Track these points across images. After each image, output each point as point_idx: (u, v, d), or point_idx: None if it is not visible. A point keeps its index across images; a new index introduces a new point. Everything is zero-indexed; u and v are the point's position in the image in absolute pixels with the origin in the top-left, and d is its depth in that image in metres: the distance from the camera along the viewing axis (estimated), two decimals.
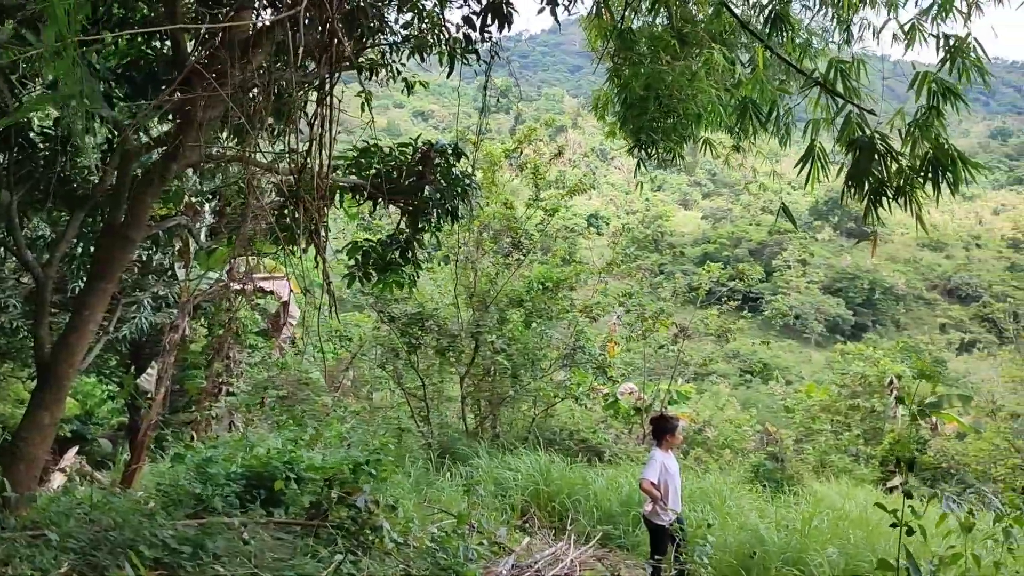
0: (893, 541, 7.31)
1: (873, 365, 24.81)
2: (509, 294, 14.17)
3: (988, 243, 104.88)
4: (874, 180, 4.61)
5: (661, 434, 8.11)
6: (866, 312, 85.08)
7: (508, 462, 11.53)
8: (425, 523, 7.41)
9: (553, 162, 15.94)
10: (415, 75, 8.59)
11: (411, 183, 7.74)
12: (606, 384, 17.24)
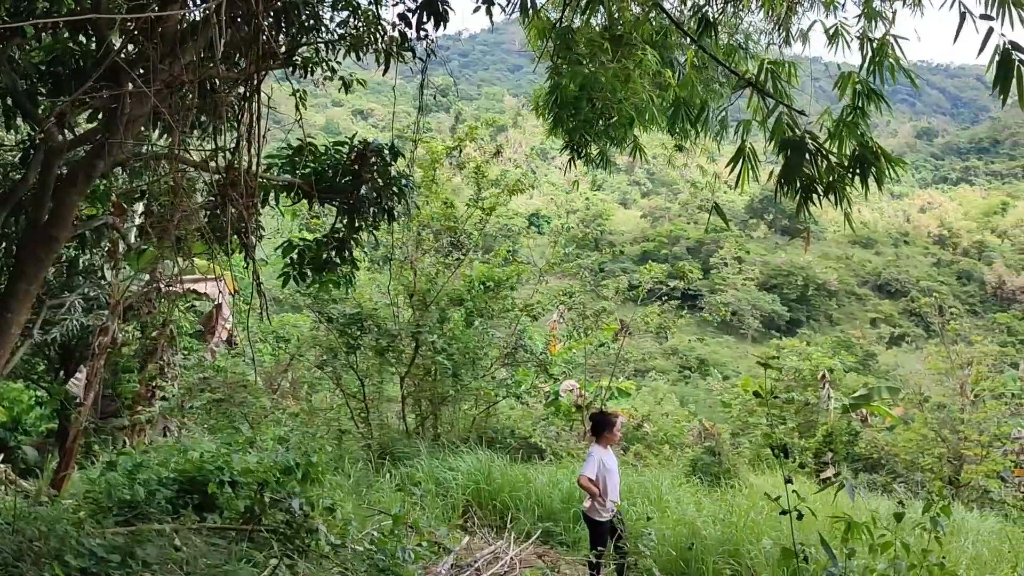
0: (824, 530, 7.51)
1: (806, 359, 25.45)
2: (450, 294, 14.13)
3: (915, 240, 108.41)
4: (805, 179, 4.72)
5: (600, 430, 8.17)
6: (800, 308, 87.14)
7: (449, 462, 11.51)
8: (364, 525, 7.35)
9: (494, 161, 15.96)
10: (352, 73, 8.51)
11: (347, 182, 7.66)
12: (548, 382, 17.33)
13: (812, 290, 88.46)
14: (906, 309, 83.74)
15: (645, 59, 5.09)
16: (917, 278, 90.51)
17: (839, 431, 20.85)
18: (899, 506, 6.82)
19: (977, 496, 17.19)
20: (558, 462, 13.33)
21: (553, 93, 6.12)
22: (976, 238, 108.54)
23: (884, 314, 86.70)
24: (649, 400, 23.29)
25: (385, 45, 7.52)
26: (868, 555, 6.50)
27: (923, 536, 6.92)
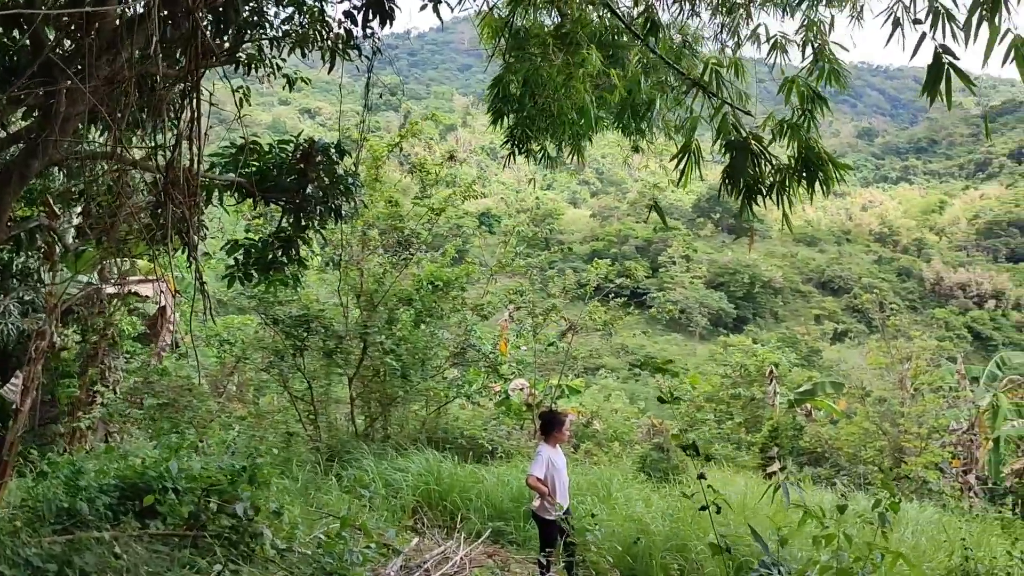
0: (769, 524, 7.65)
1: (752, 356, 25.88)
2: (398, 294, 14.04)
3: (857, 238, 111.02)
4: (748, 179, 4.80)
5: (549, 429, 8.19)
6: (747, 305, 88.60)
7: (398, 463, 11.45)
8: (311, 528, 7.27)
9: (446, 163, 15.88)
10: (297, 71, 8.41)
11: (292, 181, 7.56)
12: (498, 381, 17.33)
13: (758, 288, 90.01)
14: (849, 305, 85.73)
15: (588, 58, 5.11)
16: (859, 275, 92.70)
17: (784, 426, 21.24)
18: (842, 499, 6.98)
19: (917, 487, 17.66)
20: (508, 461, 13.35)
21: (495, 87, 6.12)
22: (915, 236, 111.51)
23: (828, 311, 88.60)
24: (599, 398, 23.47)
25: (331, 43, 7.46)
26: (812, 547, 6.64)
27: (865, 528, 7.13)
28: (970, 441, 20.98)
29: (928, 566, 8.54)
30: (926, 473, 17.98)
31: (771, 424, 21.24)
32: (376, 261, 14.28)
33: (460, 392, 14.84)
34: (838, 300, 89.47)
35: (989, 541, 10.11)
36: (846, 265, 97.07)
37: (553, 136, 6.57)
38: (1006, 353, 32.22)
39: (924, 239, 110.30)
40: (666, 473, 13.64)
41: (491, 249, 18.92)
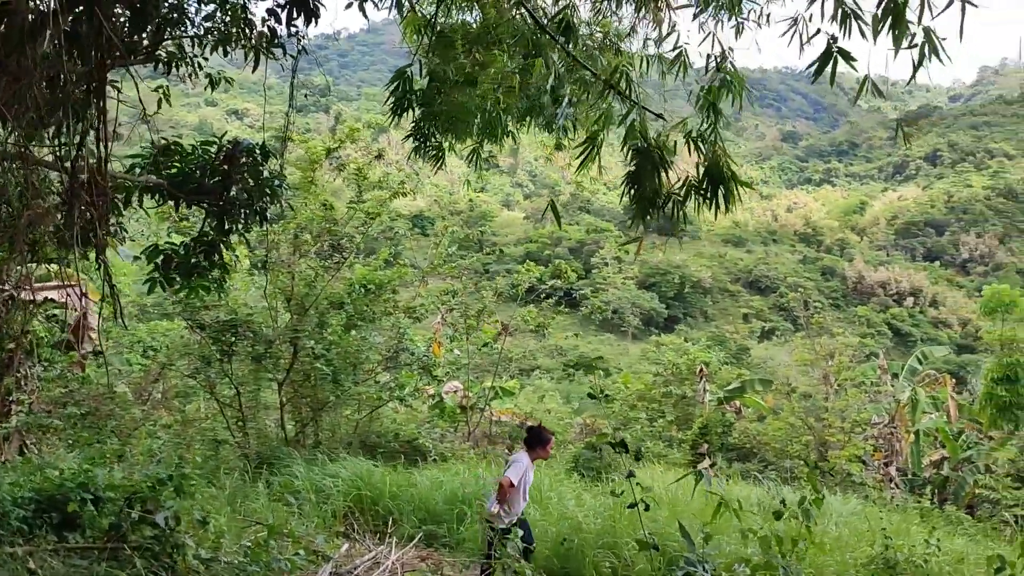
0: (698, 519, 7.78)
1: (683, 355, 26.33)
2: (329, 297, 13.85)
3: (783, 239, 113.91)
4: (648, 189, 4.86)
5: (533, 444, 8.20)
6: (677, 305, 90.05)
7: (330, 468, 11.30)
8: (239, 537, 7.11)
9: (376, 164, 15.73)
10: (220, 71, 8.23)
11: (216, 183, 7.39)
12: (431, 384, 17.26)
13: (688, 288, 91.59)
14: (775, 304, 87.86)
15: (498, 57, 5.12)
16: (785, 274, 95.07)
17: (714, 423, 21.64)
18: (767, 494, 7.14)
19: (841, 479, 18.18)
20: (442, 464, 13.30)
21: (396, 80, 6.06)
22: (838, 236, 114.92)
23: (755, 309, 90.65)
24: (533, 398, 23.54)
25: (254, 41, 7.32)
26: (740, 541, 6.78)
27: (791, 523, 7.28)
28: (890, 434, 21.71)
29: (851, 556, 8.79)
30: (849, 466, 18.52)
31: (701, 421, 21.62)
32: (307, 264, 14.07)
33: (393, 395, 14.72)
34: (765, 299, 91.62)
35: (909, 530, 10.46)
36: (772, 265, 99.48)
37: (458, 135, 6.54)
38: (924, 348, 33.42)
39: (846, 239, 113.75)
40: (599, 472, 13.76)
41: (424, 251, 18.82)
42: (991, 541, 12.54)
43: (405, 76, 6.00)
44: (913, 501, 16.18)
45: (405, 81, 6.05)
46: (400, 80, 6.08)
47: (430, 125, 6.41)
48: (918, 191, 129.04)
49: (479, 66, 5.28)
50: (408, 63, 6.18)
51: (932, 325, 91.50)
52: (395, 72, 6.16)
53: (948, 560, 8.67)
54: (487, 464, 12.97)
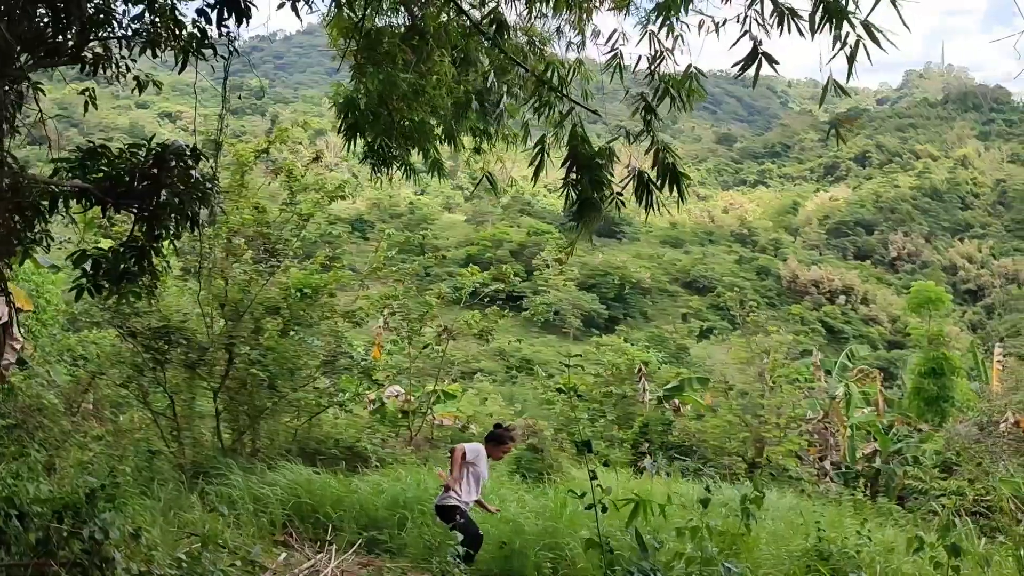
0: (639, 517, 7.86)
1: (623, 355, 26.61)
2: (264, 302, 13.62)
3: (719, 239, 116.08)
4: (583, 190, 4.91)
5: (493, 441, 8.40)
6: (618, 306, 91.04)
7: (268, 476, 11.12)
8: (173, 549, 6.94)
9: (313, 166, 15.52)
10: (148, 74, 8.04)
11: (145, 187, 7.21)
12: (372, 389, 17.12)
13: (628, 288, 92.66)
14: (713, 304, 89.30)
15: (442, 65, 5.11)
16: (722, 274, 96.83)
17: (654, 421, 21.91)
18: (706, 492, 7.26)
19: (777, 475, 18.56)
20: (383, 469, 13.20)
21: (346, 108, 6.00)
22: (772, 236, 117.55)
23: (694, 309, 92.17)
24: (475, 401, 23.50)
25: (184, 42, 7.17)
26: (676, 538, 6.88)
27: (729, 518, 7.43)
28: (824, 429, 22.27)
29: (787, 549, 8.98)
30: (785, 461, 18.92)
31: (642, 420, 21.88)
32: (241, 269, 13.81)
33: (333, 401, 14.55)
34: (703, 299, 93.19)
35: (842, 522, 10.72)
36: (710, 265, 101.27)
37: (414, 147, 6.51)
38: (855, 346, 34.41)
39: (780, 239, 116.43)
40: (540, 473, 13.81)
41: (364, 256, 18.69)
42: (919, 530, 12.94)
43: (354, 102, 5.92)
44: (847, 494, 16.60)
45: (353, 106, 5.98)
46: (349, 107, 6.01)
47: (383, 142, 6.36)
48: (848, 192, 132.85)
49: (422, 75, 5.26)
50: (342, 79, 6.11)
51: (863, 322, 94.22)
52: (344, 101, 6.09)
53: (879, 550, 8.91)
54: (429, 468, 12.91)
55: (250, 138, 62.63)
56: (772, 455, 18.87)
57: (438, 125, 5.80)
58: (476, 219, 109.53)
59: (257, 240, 14.13)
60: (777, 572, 8.18)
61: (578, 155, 4.81)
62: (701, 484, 14.24)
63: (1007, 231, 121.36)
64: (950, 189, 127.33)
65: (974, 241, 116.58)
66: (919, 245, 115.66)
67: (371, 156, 6.67)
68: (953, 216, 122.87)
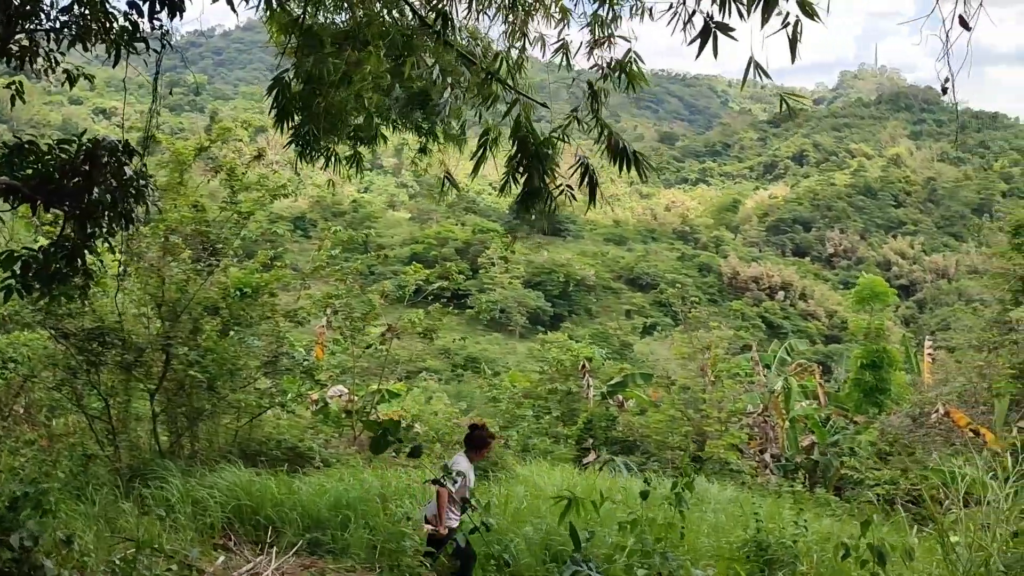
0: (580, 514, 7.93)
1: (568, 351, 26.76)
2: (203, 302, 13.37)
3: (662, 236, 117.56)
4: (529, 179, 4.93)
5: (473, 445, 8.14)
6: (563, 303, 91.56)
7: (208, 479, 10.94)
8: (107, 555, 6.78)
9: (255, 164, 15.28)
10: (80, 67, 7.84)
11: (76, 184, 7.03)
12: (315, 389, 16.93)
13: (573, 286, 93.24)
14: (656, 300, 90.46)
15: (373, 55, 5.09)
16: (664, 271, 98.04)
17: (598, 417, 22.08)
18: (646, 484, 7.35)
19: (719, 468, 18.87)
20: (327, 470, 13.08)
21: (275, 87, 5.94)
22: (713, 233, 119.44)
23: (637, 306, 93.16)
24: (420, 400, 23.39)
25: (115, 36, 7.01)
26: (618, 533, 6.95)
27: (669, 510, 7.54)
28: (764, 422, 22.71)
29: (726, 540, 9.16)
30: (726, 454, 19.24)
31: (586, 416, 22.03)
32: (179, 268, 13.53)
33: (274, 402, 14.36)
34: (646, 295, 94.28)
35: (781, 514, 10.96)
36: (652, 262, 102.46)
37: (339, 136, 6.46)
38: (794, 340, 35.14)
39: (721, 236, 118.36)
40: (485, 470, 13.80)
41: (307, 254, 18.45)
42: (855, 519, 13.30)
43: (284, 83, 5.85)
44: (786, 485, 16.95)
45: (284, 88, 5.91)
46: (279, 87, 5.93)
47: (311, 128, 6.30)
48: (787, 190, 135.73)
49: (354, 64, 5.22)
50: (284, 68, 6.03)
51: (802, 317, 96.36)
52: (273, 79, 6.01)
53: (815, 539, 9.14)
54: (373, 468, 12.84)
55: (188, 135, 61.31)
56: (713, 449, 19.17)
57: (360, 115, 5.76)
58: (421, 217, 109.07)
59: (196, 239, 13.87)
60: (717, 563, 8.33)
61: (525, 144, 4.82)
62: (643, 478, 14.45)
63: (937, 228, 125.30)
64: (883, 187, 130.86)
65: (906, 238, 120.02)
66: (854, 242, 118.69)
67: (297, 142, 6.58)
68: (886, 213, 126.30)
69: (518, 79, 5.20)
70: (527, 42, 5.67)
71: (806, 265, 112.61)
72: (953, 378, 23.10)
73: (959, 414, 18.89)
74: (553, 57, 5.27)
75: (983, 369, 20.34)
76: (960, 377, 22.31)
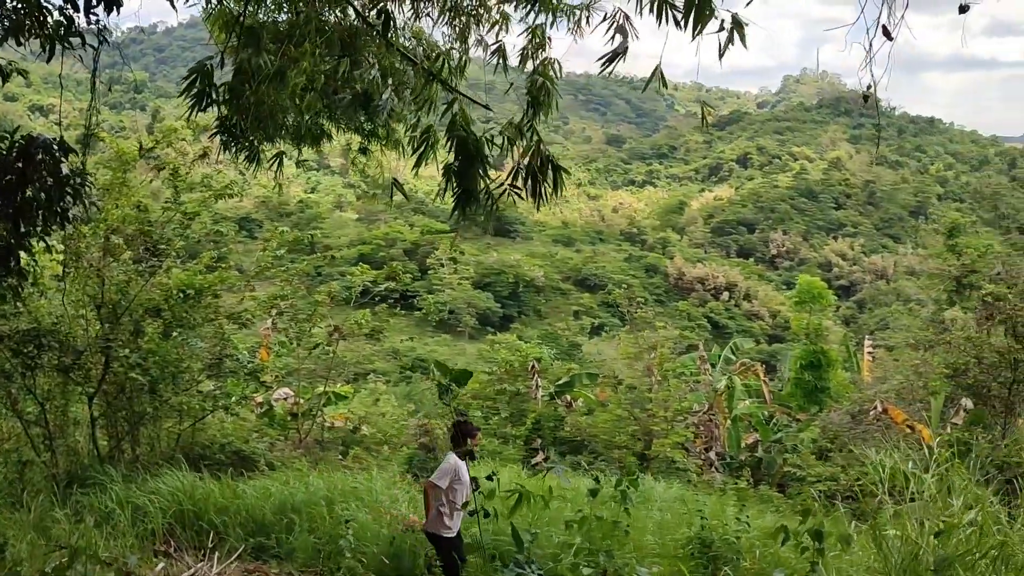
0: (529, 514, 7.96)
1: (516, 352, 26.78)
2: (145, 304, 13.10)
3: (609, 238, 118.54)
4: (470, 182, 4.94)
5: (459, 439, 8.10)
6: (512, 304, 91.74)
7: (149, 484, 10.72)
8: (42, 563, 6.60)
9: (199, 163, 15.00)
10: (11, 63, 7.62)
11: (9, 182, 6.84)
12: (260, 391, 16.72)
13: (522, 287, 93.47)
14: (603, 301, 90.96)
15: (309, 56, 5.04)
16: (612, 272, 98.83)
17: (547, 417, 22.14)
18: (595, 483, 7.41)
19: (665, 467, 19.08)
20: (272, 473, 12.91)
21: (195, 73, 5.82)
22: (660, 235, 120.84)
23: (585, 306, 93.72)
24: (368, 402, 23.22)
25: (50, 30, 6.83)
26: (566, 531, 7.00)
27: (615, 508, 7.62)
28: (709, 420, 23.04)
29: (671, 538, 9.27)
30: (672, 453, 19.46)
31: (534, 417, 22.07)
32: (120, 269, 13.23)
33: (218, 405, 14.12)
34: (594, 296, 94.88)
35: (725, 511, 11.13)
36: (600, 263, 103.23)
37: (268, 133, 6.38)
38: (738, 339, 35.73)
39: (667, 238, 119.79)
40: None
41: (252, 255, 18.19)
42: (797, 515, 13.56)
43: (206, 70, 5.74)
44: (731, 483, 17.21)
45: (206, 75, 5.79)
46: (199, 73, 5.80)
47: (238, 122, 6.19)
48: (731, 192, 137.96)
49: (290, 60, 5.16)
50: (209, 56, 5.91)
51: (746, 317, 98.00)
52: (195, 64, 5.88)
53: (758, 535, 9.30)
54: (319, 471, 12.71)
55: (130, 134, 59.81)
56: (660, 447, 19.37)
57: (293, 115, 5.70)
58: (368, 218, 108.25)
59: (138, 239, 13.58)
60: (662, 560, 8.44)
61: (463, 145, 4.82)
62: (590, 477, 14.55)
63: (876, 229, 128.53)
64: (824, 190, 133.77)
65: (847, 239, 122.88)
66: (797, 243, 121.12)
67: (222, 133, 6.47)
68: (827, 215, 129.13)
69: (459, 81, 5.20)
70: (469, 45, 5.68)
71: (750, 266, 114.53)
72: (891, 376, 23.74)
73: (896, 411, 19.41)
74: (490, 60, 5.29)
75: (919, 367, 20.91)
76: (898, 375, 22.93)
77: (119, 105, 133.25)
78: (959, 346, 18.89)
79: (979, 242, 34.60)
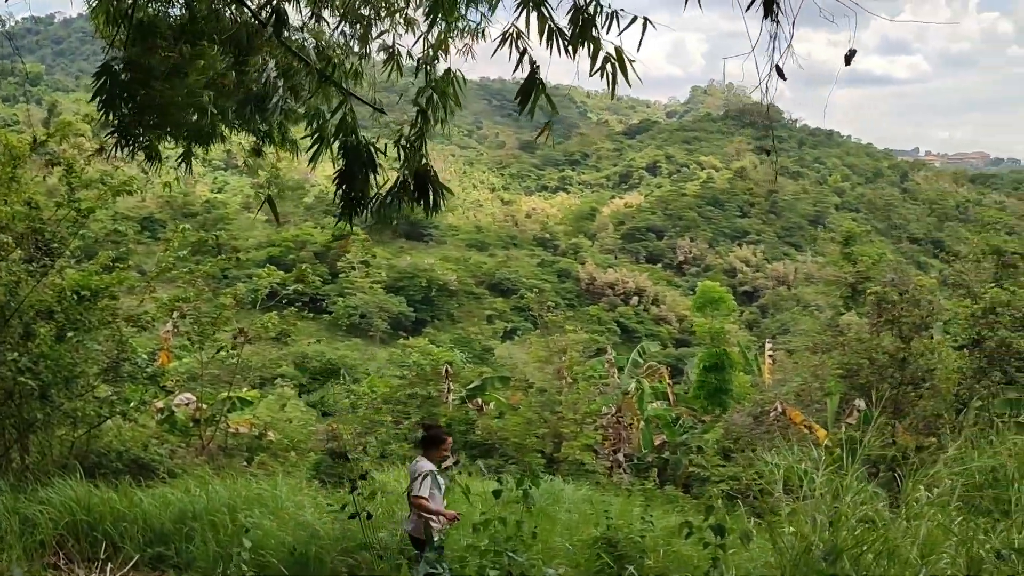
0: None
1: (428, 356, 26.74)
2: (36, 305, 12.51)
3: (523, 243, 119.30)
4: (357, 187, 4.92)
5: (430, 446, 7.96)
6: (425, 308, 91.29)
7: (40, 495, 10.23)
8: None
9: (94, 159, 14.41)
10: None
11: None
12: (160, 396, 16.20)
13: (435, 291, 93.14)
14: (516, 305, 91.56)
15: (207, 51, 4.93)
16: (525, 277, 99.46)
17: (458, 421, 22.16)
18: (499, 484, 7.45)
19: (574, 469, 19.31)
20: (172, 481, 12.51)
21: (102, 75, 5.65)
22: (572, 240, 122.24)
23: (498, 311, 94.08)
24: (274, 407, 22.79)
25: None
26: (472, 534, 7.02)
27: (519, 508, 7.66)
28: (617, 423, 23.45)
29: (578, 538, 9.39)
30: (582, 455, 19.73)
31: (445, 421, 22.03)
32: (8, 269, 12.61)
33: (115, 411, 13.60)
34: (507, 301, 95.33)
35: (631, 511, 11.33)
36: (513, 268, 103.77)
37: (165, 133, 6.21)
38: (645, 343, 36.45)
39: (579, 243, 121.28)
40: (341, 477, 13.58)
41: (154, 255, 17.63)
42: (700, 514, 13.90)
43: (112, 71, 5.55)
44: (638, 484, 17.52)
45: (113, 76, 5.60)
46: (108, 75, 5.61)
47: (137, 121, 5.99)
48: (641, 199, 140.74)
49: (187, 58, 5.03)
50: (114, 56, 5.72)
51: (654, 322, 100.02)
52: (101, 66, 5.67)
53: (662, 534, 9.51)
54: (222, 478, 12.37)
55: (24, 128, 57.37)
56: (569, 450, 19.61)
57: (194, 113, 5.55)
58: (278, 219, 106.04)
59: (29, 238, 12.98)
60: (568, 561, 8.54)
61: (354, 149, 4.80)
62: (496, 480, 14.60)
63: (778, 237, 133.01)
64: (730, 198, 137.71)
65: (751, 246, 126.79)
66: (703, 250, 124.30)
67: (116, 130, 6.25)
68: (733, 223, 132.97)
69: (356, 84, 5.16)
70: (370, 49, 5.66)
71: (658, 272, 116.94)
72: (791, 378, 24.61)
73: (795, 412, 20.16)
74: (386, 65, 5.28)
75: (817, 370, 21.76)
76: (797, 377, 23.80)
77: (12, 98, 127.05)
78: (852, 348, 19.74)
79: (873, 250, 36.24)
